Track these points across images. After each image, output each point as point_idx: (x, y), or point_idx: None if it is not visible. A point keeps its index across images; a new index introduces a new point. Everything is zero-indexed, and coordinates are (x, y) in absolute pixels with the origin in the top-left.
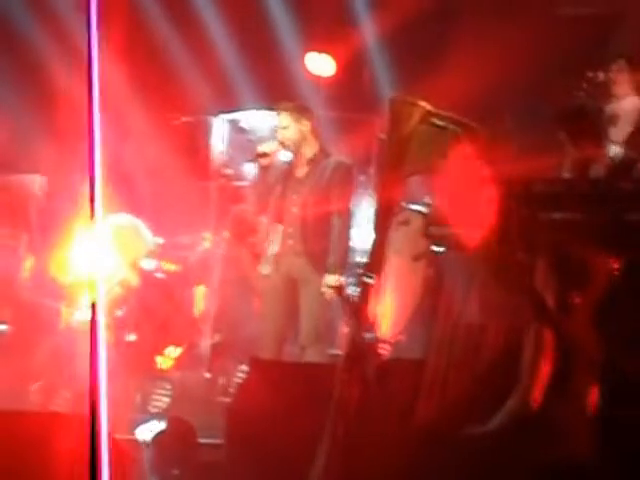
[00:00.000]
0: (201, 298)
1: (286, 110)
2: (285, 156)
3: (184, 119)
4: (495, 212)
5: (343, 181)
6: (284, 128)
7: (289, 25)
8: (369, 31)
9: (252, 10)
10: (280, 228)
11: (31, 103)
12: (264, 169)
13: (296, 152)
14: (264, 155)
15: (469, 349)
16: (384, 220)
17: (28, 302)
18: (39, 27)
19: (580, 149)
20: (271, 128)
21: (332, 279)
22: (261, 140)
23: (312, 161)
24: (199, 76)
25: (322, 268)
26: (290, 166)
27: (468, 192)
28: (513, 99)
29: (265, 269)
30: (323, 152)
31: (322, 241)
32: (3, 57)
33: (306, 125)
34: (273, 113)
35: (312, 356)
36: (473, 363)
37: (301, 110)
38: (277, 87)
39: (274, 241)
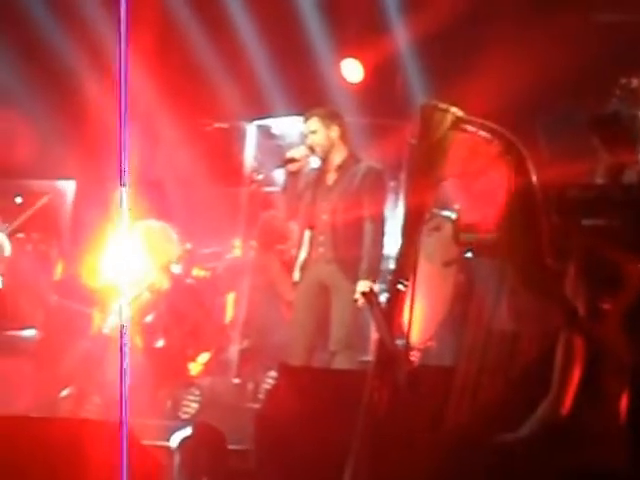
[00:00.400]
0: (230, 304)
1: (315, 115)
2: (314, 162)
3: (216, 125)
4: (526, 218)
5: (374, 186)
6: (313, 133)
7: (321, 31)
8: (401, 36)
9: (284, 16)
10: (310, 235)
11: (63, 110)
12: (293, 175)
13: (325, 158)
14: (292, 160)
15: (500, 355)
16: (415, 226)
17: (59, 307)
18: (70, 34)
19: (613, 155)
20: (301, 134)
21: (363, 285)
22: (291, 146)
23: (341, 167)
24: (231, 82)
25: (353, 275)
26: (319, 172)
27: (498, 198)
28: (546, 104)
29: (296, 276)
30: (353, 158)
31: (353, 248)
32: (35, 64)
33: (335, 131)
34: (303, 119)
35: (341, 362)
36: (504, 369)
37: (330, 115)
38: (309, 93)
39: (304, 248)
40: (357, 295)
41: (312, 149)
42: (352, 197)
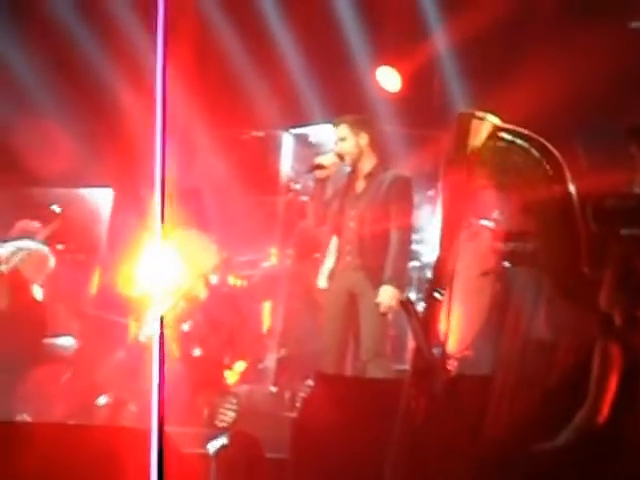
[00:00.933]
0: (267, 313)
1: (344, 122)
2: (343, 170)
3: (253, 134)
4: (563, 227)
5: (401, 194)
6: (342, 140)
7: (358, 39)
8: (439, 45)
9: (321, 24)
10: (338, 243)
11: (102, 118)
12: (321, 182)
13: (354, 166)
14: (320, 167)
15: (537, 365)
16: (452, 235)
17: (96, 316)
18: (108, 42)
19: None
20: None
21: (388, 294)
22: (324, 154)
23: (370, 175)
24: (268, 90)
25: (379, 283)
26: (348, 180)
27: (536, 207)
28: (584, 114)
29: (323, 283)
30: (381, 165)
31: (380, 256)
32: (73, 74)
33: (364, 138)
34: (332, 125)
35: (374, 371)
36: (541, 379)
37: (360, 123)
38: (346, 101)
39: (332, 256)
40: (381, 303)
41: (341, 156)
42: (380, 205)
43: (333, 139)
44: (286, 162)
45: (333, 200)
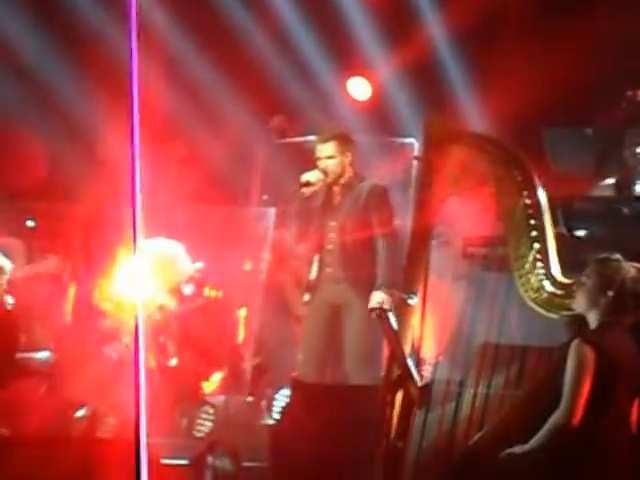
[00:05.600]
0: (242, 322)
1: (333, 140)
2: (324, 185)
3: (227, 143)
4: (534, 232)
5: (380, 203)
6: (329, 158)
7: (326, 50)
8: (406, 53)
9: (290, 34)
10: (319, 256)
11: (73, 132)
12: (307, 199)
13: (335, 181)
14: (307, 184)
15: (510, 369)
16: (423, 241)
17: (72, 329)
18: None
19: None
20: (315, 156)
21: (377, 300)
22: (301, 166)
23: (345, 186)
24: (239, 100)
25: (364, 292)
26: (326, 193)
27: (506, 212)
28: (552, 117)
29: (306, 296)
30: (357, 177)
31: (362, 266)
32: (44, 84)
33: (348, 157)
34: (318, 140)
35: (358, 380)
36: (514, 383)
37: (347, 141)
38: (316, 111)
39: (314, 269)
40: (369, 312)
41: (325, 173)
42: (358, 216)
43: (307, 150)
44: (258, 172)
45: (314, 214)
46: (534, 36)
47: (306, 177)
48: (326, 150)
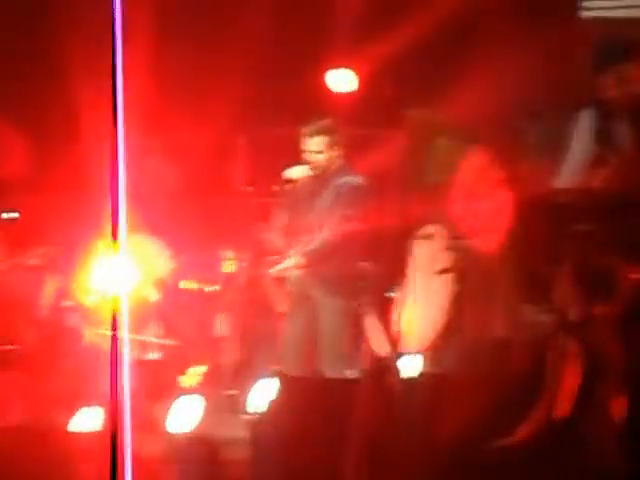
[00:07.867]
0: (223, 316)
1: (322, 135)
2: (308, 179)
3: (210, 136)
4: (517, 224)
5: (355, 200)
6: (317, 153)
7: (308, 41)
8: (387, 46)
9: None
10: (298, 249)
11: (53, 123)
12: (289, 192)
13: (320, 176)
14: (291, 181)
15: (494, 362)
16: (405, 234)
17: (50, 322)
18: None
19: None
20: (301, 149)
21: (352, 297)
22: (284, 158)
23: (330, 180)
24: (221, 93)
25: (339, 288)
26: (310, 188)
27: (489, 205)
28: (532, 113)
29: (285, 289)
30: (342, 170)
31: (337, 261)
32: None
33: (336, 151)
34: (305, 133)
35: (335, 374)
36: (497, 376)
37: (335, 136)
38: (297, 104)
39: (292, 262)
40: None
41: (313, 169)
42: (335, 211)
43: (291, 142)
44: (241, 165)
45: (296, 208)
46: (513, 25)
47: (289, 174)
48: (315, 144)
